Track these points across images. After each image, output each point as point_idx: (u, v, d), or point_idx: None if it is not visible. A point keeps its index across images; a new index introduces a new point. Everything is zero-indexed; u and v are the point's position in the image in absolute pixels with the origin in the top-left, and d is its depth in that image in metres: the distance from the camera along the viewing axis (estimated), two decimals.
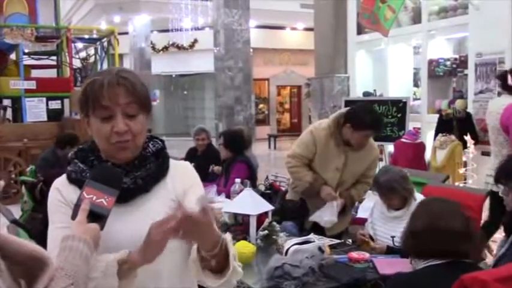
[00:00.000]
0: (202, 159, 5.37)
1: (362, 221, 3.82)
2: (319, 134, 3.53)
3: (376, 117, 3.56)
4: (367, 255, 2.77)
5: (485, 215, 3.72)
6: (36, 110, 10.05)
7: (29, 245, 1.11)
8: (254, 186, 4.33)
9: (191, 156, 5.71)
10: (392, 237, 2.89)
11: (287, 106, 21.93)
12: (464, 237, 1.87)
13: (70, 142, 5.34)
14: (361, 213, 4.24)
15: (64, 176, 1.51)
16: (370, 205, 3.60)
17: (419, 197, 3.07)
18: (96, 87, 1.38)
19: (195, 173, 1.59)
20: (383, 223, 3.13)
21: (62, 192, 1.45)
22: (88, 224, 1.27)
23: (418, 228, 1.97)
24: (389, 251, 2.91)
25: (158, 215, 1.41)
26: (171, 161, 1.56)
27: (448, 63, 6.23)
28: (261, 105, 20.96)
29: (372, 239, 3.07)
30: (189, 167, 1.60)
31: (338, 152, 3.50)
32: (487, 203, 3.63)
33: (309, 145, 3.55)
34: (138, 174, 1.45)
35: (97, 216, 1.30)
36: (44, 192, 2.70)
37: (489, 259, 4.36)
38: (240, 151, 4.84)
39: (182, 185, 1.51)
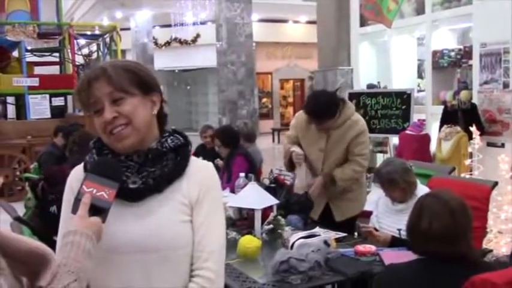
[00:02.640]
0: (211, 155, 5.38)
1: (369, 214, 3.80)
2: (300, 118, 3.71)
3: (316, 106, 3.50)
4: (373, 248, 2.75)
5: (492, 206, 3.69)
6: (39, 107, 10.06)
7: (29, 241, 1.09)
8: (257, 179, 4.32)
9: (200, 152, 5.72)
10: (399, 230, 2.87)
11: (290, 100, 21.87)
12: (445, 239, 1.84)
13: (60, 129, 5.44)
14: (368, 206, 4.21)
15: (82, 164, 1.49)
16: (375, 198, 3.58)
17: (425, 189, 3.04)
18: (80, 87, 1.40)
19: (215, 176, 1.51)
20: (388, 216, 3.11)
21: (73, 188, 1.41)
22: (90, 218, 1.25)
23: (408, 226, 1.98)
24: (395, 241, 2.89)
25: (168, 220, 1.39)
26: (192, 161, 1.48)
27: (453, 54, 6.17)
28: (264, 99, 20.92)
29: (377, 231, 3.05)
30: (209, 169, 1.50)
31: (320, 133, 3.58)
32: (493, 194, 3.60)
33: (293, 128, 3.79)
34: (151, 171, 1.40)
35: (98, 210, 1.27)
36: (45, 191, 2.69)
37: (496, 251, 4.35)
38: (235, 145, 4.88)
39: (198, 188, 1.43)
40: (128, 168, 1.40)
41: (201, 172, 1.46)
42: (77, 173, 1.49)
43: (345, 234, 3.13)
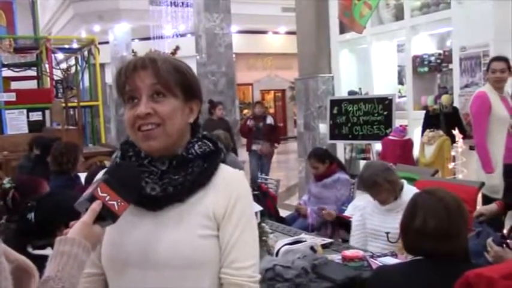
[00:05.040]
0: None
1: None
2: None
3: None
4: (361, 253, 2.68)
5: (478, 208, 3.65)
6: (16, 122, 9.87)
7: (15, 254, 1.01)
8: None
9: None
10: (387, 233, 2.81)
11: (272, 110, 21.86)
12: (440, 236, 1.77)
13: (35, 142, 5.33)
14: (351, 211, 4.12)
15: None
16: (359, 204, 3.53)
17: (412, 188, 3.00)
18: (122, 70, 1.29)
19: (246, 186, 1.36)
20: (375, 217, 3.05)
21: None
22: (93, 227, 1.13)
23: (401, 224, 1.91)
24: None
25: (187, 234, 1.25)
26: (221, 170, 1.34)
27: (433, 58, 6.18)
28: (245, 111, 20.87)
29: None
30: (239, 178, 1.36)
31: None
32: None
33: None
34: (174, 178, 1.27)
35: (102, 218, 1.14)
36: (16, 200, 2.56)
37: None
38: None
39: (226, 200, 1.29)
40: (150, 174, 1.28)
41: (229, 182, 1.32)
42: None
43: (331, 240, 3.06)
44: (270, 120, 8.66)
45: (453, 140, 5.14)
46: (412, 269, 1.82)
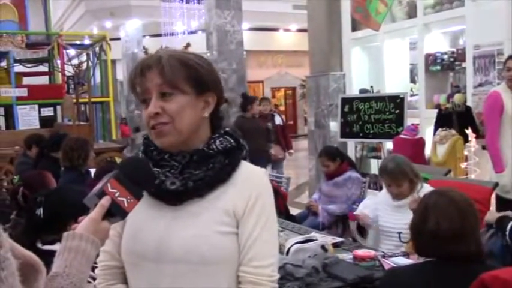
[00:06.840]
0: None
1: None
2: None
3: None
4: (372, 252, 2.65)
5: (492, 209, 3.60)
6: (28, 117, 9.96)
7: (22, 249, 0.99)
8: None
9: None
10: (399, 233, 2.77)
11: (282, 108, 21.85)
12: (454, 239, 1.73)
13: (35, 141, 5.37)
14: (362, 210, 4.08)
15: None
16: (370, 202, 3.50)
17: (430, 188, 2.96)
18: (133, 74, 1.30)
19: (267, 184, 1.35)
20: (389, 214, 3.02)
21: None
22: (101, 223, 1.12)
23: (413, 227, 1.87)
24: None
25: (205, 229, 1.24)
26: (243, 167, 1.32)
27: (446, 57, 6.11)
28: None
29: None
30: (261, 176, 1.34)
31: None
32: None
33: None
34: (194, 173, 1.26)
35: (111, 214, 1.13)
36: (26, 196, 2.56)
37: None
38: None
39: (246, 198, 1.28)
40: (171, 168, 1.27)
41: (250, 179, 1.31)
42: None
43: (342, 239, 3.03)
44: (278, 120, 7.84)
45: (466, 139, 5.08)
46: (424, 270, 1.79)
